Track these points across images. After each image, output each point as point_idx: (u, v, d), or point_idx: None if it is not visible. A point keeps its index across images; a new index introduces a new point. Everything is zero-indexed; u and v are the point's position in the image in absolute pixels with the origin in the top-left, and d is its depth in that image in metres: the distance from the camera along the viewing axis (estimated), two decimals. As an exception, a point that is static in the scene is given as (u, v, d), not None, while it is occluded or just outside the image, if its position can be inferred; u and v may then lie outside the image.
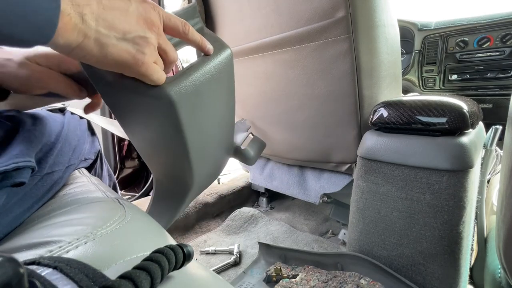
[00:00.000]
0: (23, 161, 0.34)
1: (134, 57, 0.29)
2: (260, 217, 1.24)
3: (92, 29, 0.26)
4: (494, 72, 1.08)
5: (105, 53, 0.27)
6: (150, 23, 0.30)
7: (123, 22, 0.28)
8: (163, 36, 0.32)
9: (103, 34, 0.26)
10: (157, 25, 0.31)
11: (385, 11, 0.69)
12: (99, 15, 0.26)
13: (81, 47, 0.26)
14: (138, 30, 0.29)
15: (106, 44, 0.27)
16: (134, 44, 0.29)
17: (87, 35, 0.26)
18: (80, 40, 0.25)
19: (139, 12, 0.29)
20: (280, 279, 0.78)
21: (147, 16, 0.30)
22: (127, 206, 0.39)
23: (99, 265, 0.24)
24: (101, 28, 0.26)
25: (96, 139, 0.65)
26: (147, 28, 0.30)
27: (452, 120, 0.59)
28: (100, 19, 0.26)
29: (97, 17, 0.26)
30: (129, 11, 0.29)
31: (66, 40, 0.25)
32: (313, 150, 0.90)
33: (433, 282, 0.62)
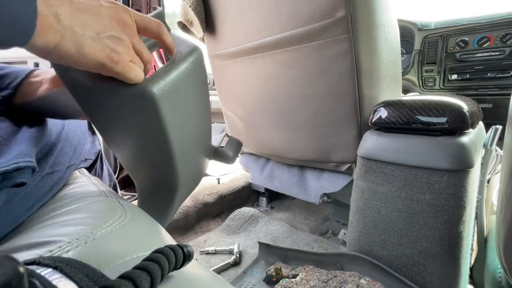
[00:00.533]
0: (24, 161, 0.34)
1: (109, 55, 0.30)
2: (260, 217, 1.24)
3: (68, 29, 0.27)
4: (494, 72, 1.08)
5: (81, 52, 0.28)
6: (122, 23, 0.31)
7: (96, 22, 0.29)
8: (136, 36, 0.33)
9: (78, 33, 0.27)
10: (129, 25, 0.32)
11: (385, 11, 0.69)
12: (73, 15, 0.27)
13: (59, 48, 0.27)
14: (111, 30, 0.30)
15: (82, 43, 0.28)
16: (108, 43, 0.30)
17: (63, 35, 0.26)
18: (58, 40, 0.26)
19: (111, 13, 0.30)
20: (280, 279, 0.78)
21: (119, 16, 0.31)
22: (127, 206, 0.39)
23: (99, 265, 0.24)
24: (76, 27, 0.27)
25: (97, 139, 0.65)
26: (120, 28, 0.31)
27: (452, 120, 0.59)
28: (74, 18, 0.27)
29: (71, 17, 0.27)
30: (101, 12, 0.30)
31: (44, 40, 0.25)
32: (313, 150, 0.90)
33: (433, 281, 0.62)
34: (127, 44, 0.32)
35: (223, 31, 0.94)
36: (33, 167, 0.35)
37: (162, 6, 1.49)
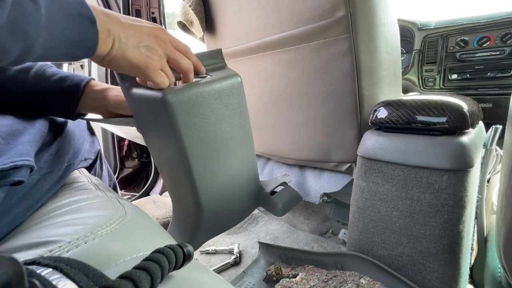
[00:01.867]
0: (21, 160, 0.34)
1: (144, 60, 0.39)
2: (260, 216, 1.24)
3: (116, 39, 0.36)
4: (494, 72, 1.08)
5: (124, 56, 0.37)
6: (158, 37, 0.40)
7: (137, 35, 0.38)
8: (170, 48, 0.42)
9: (123, 42, 0.37)
10: (163, 40, 0.41)
11: (385, 11, 0.69)
12: (120, 30, 0.36)
13: (110, 53, 0.36)
14: (148, 42, 0.39)
15: (125, 50, 0.37)
16: (144, 51, 0.39)
17: (113, 43, 0.36)
18: (109, 47, 0.36)
19: (149, 30, 0.40)
20: (280, 278, 0.78)
21: (156, 33, 0.40)
22: (127, 206, 0.39)
23: (99, 265, 0.24)
24: (122, 38, 0.36)
25: (96, 139, 0.65)
26: (155, 41, 0.40)
27: (452, 119, 0.59)
28: (121, 32, 0.36)
29: (119, 31, 0.36)
30: (142, 29, 0.39)
31: (101, 50, 0.35)
32: (313, 150, 0.90)
33: (433, 281, 0.62)
34: (159, 54, 0.40)
35: (223, 31, 0.94)
36: (30, 166, 0.36)
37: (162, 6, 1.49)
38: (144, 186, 1.51)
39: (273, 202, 0.59)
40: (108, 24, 0.35)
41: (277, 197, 0.60)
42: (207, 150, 0.46)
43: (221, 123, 0.47)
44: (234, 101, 0.47)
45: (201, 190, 0.47)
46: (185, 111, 0.42)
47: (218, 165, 0.48)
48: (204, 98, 0.44)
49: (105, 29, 0.34)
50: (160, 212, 1.09)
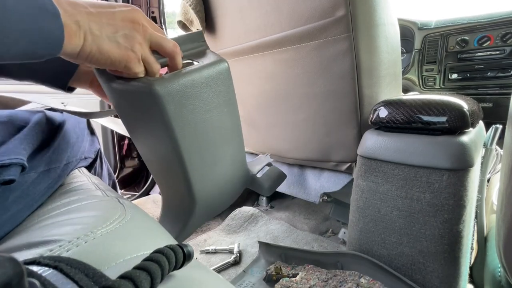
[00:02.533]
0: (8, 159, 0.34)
1: (123, 53, 0.34)
2: (260, 216, 1.24)
3: (88, 32, 0.31)
4: (494, 71, 1.08)
5: (101, 51, 0.33)
6: (135, 22, 0.35)
7: (111, 24, 0.33)
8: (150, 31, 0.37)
9: (96, 35, 0.32)
10: (141, 23, 0.36)
11: (385, 10, 0.69)
12: (90, 20, 0.32)
13: (83, 50, 0.32)
14: (124, 29, 0.34)
15: (101, 43, 0.32)
16: (122, 41, 0.34)
17: (85, 38, 0.31)
18: (81, 43, 0.31)
19: (123, 14, 0.35)
20: (280, 278, 0.78)
21: (131, 16, 0.35)
22: (127, 206, 0.39)
23: (100, 264, 0.24)
24: (94, 30, 0.32)
25: (96, 138, 0.65)
26: (132, 27, 0.35)
27: (452, 119, 0.59)
28: (91, 23, 0.32)
29: (89, 22, 0.31)
30: (115, 15, 0.34)
31: (72, 46, 0.30)
32: (313, 149, 0.90)
33: (433, 281, 0.62)
34: (139, 41, 0.36)
35: (223, 30, 0.94)
36: (20, 163, 0.35)
37: (162, 5, 1.49)
38: (144, 185, 1.51)
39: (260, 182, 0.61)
40: (75, 15, 0.30)
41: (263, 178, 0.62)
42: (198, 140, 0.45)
43: (211, 111, 0.45)
44: (222, 88, 0.46)
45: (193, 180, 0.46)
46: (175, 103, 0.40)
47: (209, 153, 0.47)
48: (194, 87, 0.41)
49: (73, 21, 0.30)
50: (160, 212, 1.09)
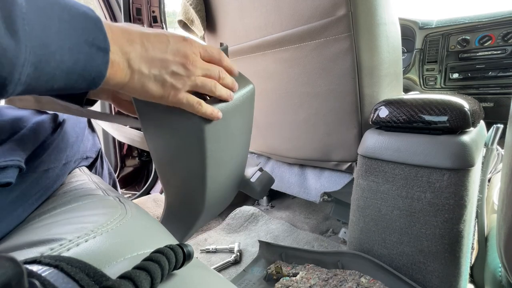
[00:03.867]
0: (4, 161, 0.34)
1: (167, 91, 0.34)
2: (261, 215, 1.24)
3: (136, 71, 0.31)
4: (495, 71, 1.07)
5: (145, 89, 0.33)
6: (185, 57, 0.34)
7: (161, 60, 0.32)
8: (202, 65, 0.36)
9: (144, 74, 0.32)
10: (191, 59, 0.35)
11: (386, 9, 0.69)
12: (142, 57, 0.31)
13: (126, 86, 0.31)
14: (173, 66, 0.33)
15: (146, 82, 0.32)
16: (168, 79, 0.33)
17: (132, 77, 0.31)
18: (126, 80, 0.31)
19: (176, 48, 0.34)
20: (281, 277, 0.78)
21: (182, 51, 0.34)
22: (128, 205, 0.39)
23: (100, 263, 0.24)
24: (143, 69, 0.31)
25: (97, 138, 0.65)
26: (181, 63, 0.34)
27: (453, 118, 0.58)
28: (142, 61, 0.31)
29: (140, 60, 0.31)
30: (167, 49, 0.33)
31: (116, 82, 0.30)
32: (313, 149, 0.90)
33: (434, 280, 0.62)
34: (185, 77, 0.35)
35: (224, 29, 0.94)
36: (17, 165, 0.35)
37: (162, 4, 1.49)
38: (145, 185, 1.51)
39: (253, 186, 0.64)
40: (129, 53, 0.29)
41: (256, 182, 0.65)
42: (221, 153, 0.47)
43: (236, 130, 0.48)
44: (248, 110, 0.49)
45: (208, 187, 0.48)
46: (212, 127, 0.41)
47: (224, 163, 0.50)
48: (229, 112, 0.43)
49: (125, 59, 0.29)
50: (160, 211, 1.09)
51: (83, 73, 0.26)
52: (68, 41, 0.24)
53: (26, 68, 0.22)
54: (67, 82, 0.26)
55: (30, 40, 0.22)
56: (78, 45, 0.25)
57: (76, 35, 0.25)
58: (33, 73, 0.23)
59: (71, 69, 0.25)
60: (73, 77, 0.26)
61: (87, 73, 0.26)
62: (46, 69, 0.23)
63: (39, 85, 0.24)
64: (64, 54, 0.24)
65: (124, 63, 0.29)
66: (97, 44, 0.26)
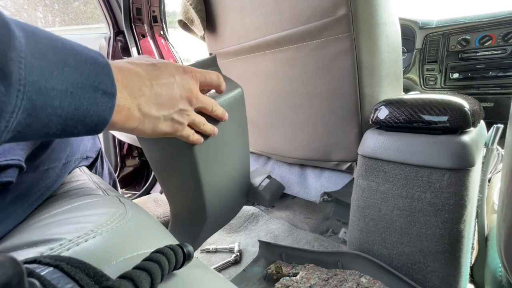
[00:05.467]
0: (5, 160, 0.34)
1: (175, 128, 0.36)
2: (261, 215, 1.24)
3: (146, 115, 0.31)
4: (495, 71, 1.07)
5: (155, 129, 0.33)
6: (190, 94, 0.35)
7: (169, 102, 0.33)
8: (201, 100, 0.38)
9: (154, 116, 0.32)
10: (195, 94, 0.36)
11: (386, 9, 0.69)
12: (151, 101, 0.31)
13: (137, 129, 0.31)
14: (180, 104, 0.35)
15: (156, 124, 0.33)
16: (176, 117, 0.35)
17: (142, 121, 0.31)
18: (136, 124, 0.31)
19: (182, 88, 0.34)
20: (281, 277, 0.78)
21: (188, 88, 0.35)
22: (128, 204, 0.39)
23: (100, 263, 0.24)
24: (153, 112, 0.32)
25: (97, 138, 0.65)
26: (187, 100, 0.35)
27: (453, 118, 0.58)
28: (152, 105, 0.31)
29: (149, 104, 0.31)
30: (174, 90, 0.34)
31: (125, 126, 0.30)
32: (313, 149, 0.90)
33: (434, 280, 0.62)
34: (190, 113, 0.37)
35: (224, 29, 0.94)
36: (17, 165, 0.35)
37: (162, 4, 1.49)
38: (145, 184, 1.51)
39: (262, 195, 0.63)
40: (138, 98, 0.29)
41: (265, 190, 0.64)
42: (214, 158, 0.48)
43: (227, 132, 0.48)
44: (237, 113, 0.49)
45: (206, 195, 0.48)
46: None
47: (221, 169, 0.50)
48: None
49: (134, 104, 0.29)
50: (160, 211, 1.09)
51: (84, 119, 0.25)
52: (70, 86, 0.23)
53: (16, 115, 0.20)
54: (64, 128, 0.24)
55: (25, 85, 0.20)
56: (82, 89, 0.24)
57: (80, 80, 0.24)
58: (25, 120, 0.21)
59: (71, 114, 0.24)
60: (72, 123, 0.24)
61: (88, 119, 0.25)
62: (41, 116, 0.22)
63: (32, 132, 0.23)
64: (64, 100, 0.23)
65: (134, 108, 0.29)
66: (103, 89, 0.25)
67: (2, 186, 0.34)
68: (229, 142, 0.49)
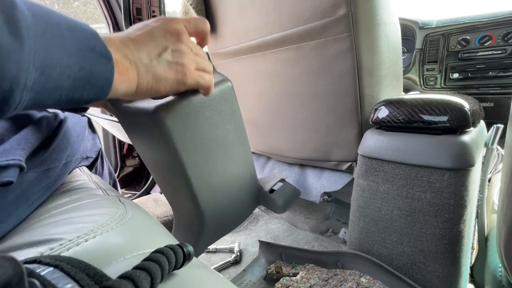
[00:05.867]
0: (6, 160, 0.34)
1: (177, 70, 0.34)
2: (261, 215, 1.24)
3: (138, 63, 0.30)
4: (495, 71, 1.07)
5: (156, 77, 0.32)
6: (175, 33, 0.34)
7: (155, 45, 0.32)
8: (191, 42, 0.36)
9: (146, 63, 0.31)
10: (182, 32, 0.34)
11: (386, 9, 0.69)
12: (136, 48, 0.30)
13: (140, 84, 0.31)
14: (169, 45, 0.33)
15: (154, 71, 0.32)
16: (171, 59, 0.33)
17: (138, 71, 0.30)
18: (136, 78, 0.30)
19: (161, 29, 0.33)
20: (281, 277, 0.78)
21: (170, 29, 0.34)
22: (128, 204, 0.39)
23: (100, 263, 0.24)
24: (144, 59, 0.31)
25: (97, 138, 0.65)
26: (175, 39, 0.34)
27: (453, 118, 0.58)
28: (139, 52, 0.31)
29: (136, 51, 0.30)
30: (154, 33, 0.32)
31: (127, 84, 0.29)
32: (313, 149, 0.90)
33: (434, 280, 0.62)
34: (187, 52, 0.34)
35: (224, 29, 0.94)
36: (18, 165, 0.35)
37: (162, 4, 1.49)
38: (145, 184, 1.51)
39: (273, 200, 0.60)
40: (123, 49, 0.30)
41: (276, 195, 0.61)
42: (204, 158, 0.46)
43: (216, 130, 0.46)
44: (226, 107, 0.47)
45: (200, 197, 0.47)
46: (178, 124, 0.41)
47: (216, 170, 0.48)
48: (196, 108, 0.43)
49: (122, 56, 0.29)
50: (160, 211, 1.09)
51: (90, 80, 0.26)
52: (71, 47, 0.24)
53: (31, 72, 0.21)
54: (74, 91, 0.25)
55: (34, 42, 0.21)
56: (81, 50, 0.25)
57: (78, 42, 0.25)
58: (39, 79, 0.22)
59: (78, 76, 0.25)
60: (80, 84, 0.25)
61: (94, 80, 0.26)
62: (52, 75, 0.23)
63: (47, 94, 0.24)
64: (69, 59, 0.24)
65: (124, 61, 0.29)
66: (99, 51, 0.26)
67: (3, 186, 0.34)
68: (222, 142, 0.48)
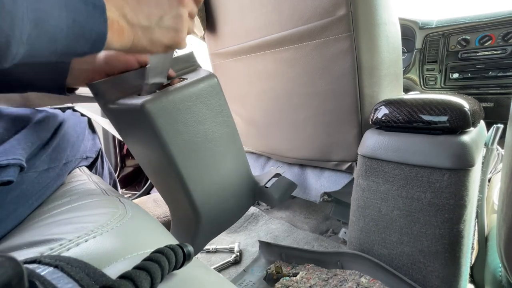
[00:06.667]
0: (6, 159, 0.34)
1: (175, 37, 0.34)
2: (261, 215, 1.24)
3: (137, 26, 0.30)
4: (495, 71, 1.07)
5: (152, 41, 0.32)
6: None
7: (158, 8, 0.32)
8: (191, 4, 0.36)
9: (146, 27, 0.31)
10: None
11: (386, 9, 0.69)
12: (137, 10, 0.30)
13: (134, 44, 0.31)
14: (172, 9, 0.33)
15: (151, 34, 0.32)
16: (171, 24, 0.33)
17: (135, 33, 0.30)
18: (132, 38, 0.30)
19: None
20: (281, 277, 0.78)
21: None
22: (128, 205, 0.39)
23: (100, 263, 0.24)
24: (142, 22, 0.31)
25: (97, 138, 0.65)
26: (178, 4, 0.33)
27: (453, 118, 0.58)
28: (139, 13, 0.30)
29: (136, 13, 0.30)
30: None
31: (122, 42, 0.29)
32: (313, 149, 0.90)
33: (434, 280, 0.62)
34: (185, 17, 0.34)
35: (224, 29, 0.94)
36: (18, 164, 0.35)
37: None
38: (145, 185, 1.51)
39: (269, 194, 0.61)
40: (123, 8, 0.29)
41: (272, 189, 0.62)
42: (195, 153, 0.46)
43: (204, 124, 0.47)
44: (213, 101, 0.48)
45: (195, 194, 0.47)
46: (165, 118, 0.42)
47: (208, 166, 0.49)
48: (183, 102, 0.44)
49: (121, 15, 0.29)
50: (160, 211, 1.09)
51: (83, 33, 0.26)
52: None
53: (25, 24, 0.22)
54: (68, 43, 0.25)
55: None
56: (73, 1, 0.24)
57: None
58: (33, 31, 0.23)
59: (71, 28, 0.25)
60: (73, 37, 0.25)
61: (87, 33, 0.26)
62: (46, 27, 0.23)
63: (42, 46, 0.24)
64: (60, 10, 0.24)
65: (122, 20, 0.29)
66: (92, 2, 0.25)
67: (3, 186, 0.34)
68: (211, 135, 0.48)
